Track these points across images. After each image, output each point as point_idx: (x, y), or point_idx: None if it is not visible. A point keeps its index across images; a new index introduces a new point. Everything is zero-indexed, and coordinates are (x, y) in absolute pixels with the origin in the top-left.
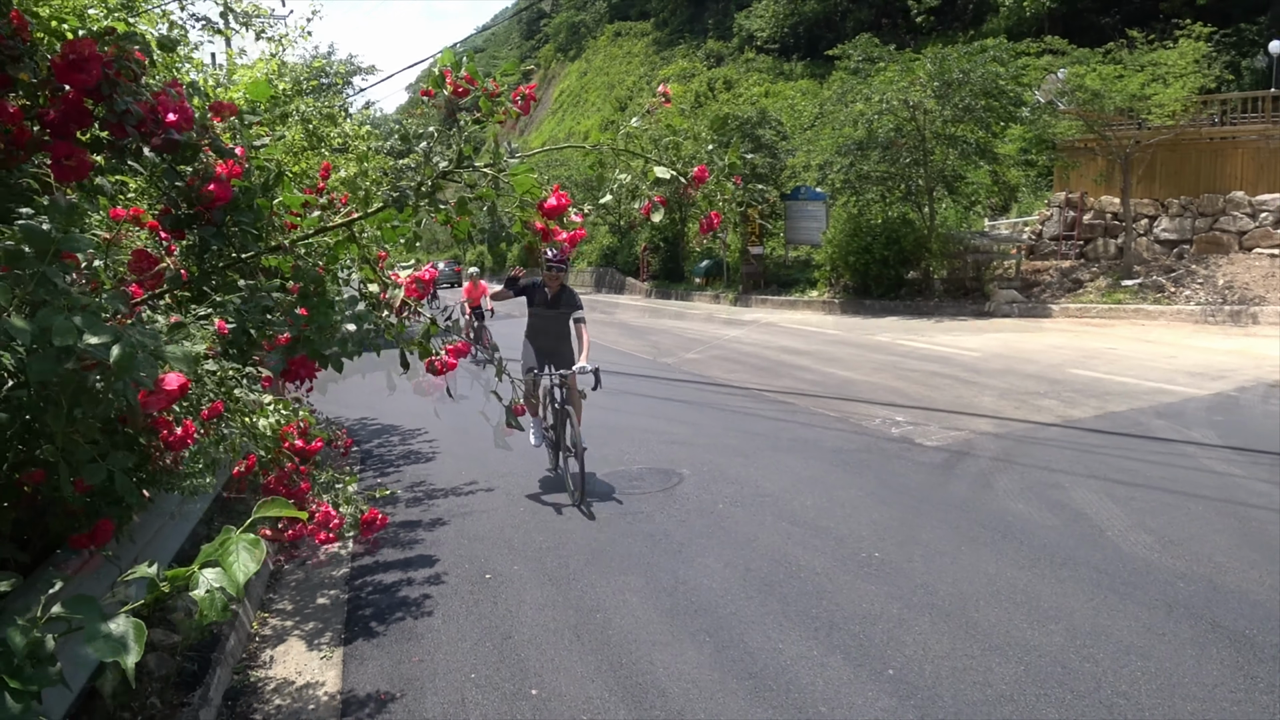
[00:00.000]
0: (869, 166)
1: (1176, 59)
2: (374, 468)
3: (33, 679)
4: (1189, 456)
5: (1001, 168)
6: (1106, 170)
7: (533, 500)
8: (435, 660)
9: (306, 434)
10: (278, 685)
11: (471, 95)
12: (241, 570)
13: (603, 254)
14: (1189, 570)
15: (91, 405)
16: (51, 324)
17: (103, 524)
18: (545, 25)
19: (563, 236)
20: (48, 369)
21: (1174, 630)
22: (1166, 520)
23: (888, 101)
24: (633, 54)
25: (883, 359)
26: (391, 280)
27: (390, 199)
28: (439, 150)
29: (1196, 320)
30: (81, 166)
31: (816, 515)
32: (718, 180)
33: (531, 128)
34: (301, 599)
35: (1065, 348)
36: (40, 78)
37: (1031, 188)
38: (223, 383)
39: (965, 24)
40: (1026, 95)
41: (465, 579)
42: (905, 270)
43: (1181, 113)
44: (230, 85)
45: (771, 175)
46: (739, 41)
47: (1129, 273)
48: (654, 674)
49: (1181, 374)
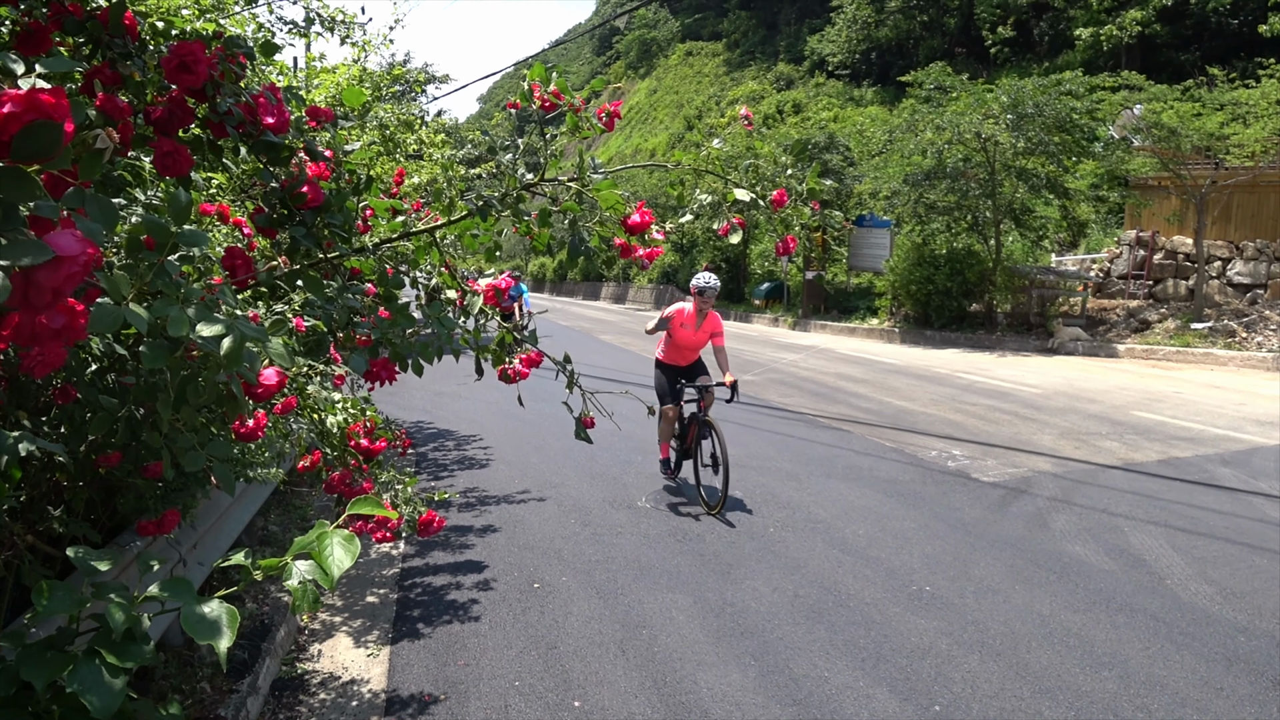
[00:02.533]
0: (936, 196)
1: (1258, 99)
2: (429, 471)
3: (129, 655)
4: (1255, 507)
5: (1071, 203)
6: (1180, 210)
7: (584, 513)
8: (480, 665)
9: (372, 434)
10: (324, 679)
11: (558, 110)
12: (336, 565)
13: (664, 271)
14: (1251, 624)
15: (196, 395)
16: (167, 314)
17: (170, 513)
18: (617, 42)
19: (641, 253)
20: (161, 358)
21: (1233, 685)
22: (1229, 571)
23: (958, 131)
24: (703, 74)
25: (942, 390)
26: (470, 288)
27: (475, 207)
28: (523, 161)
29: (1269, 368)
30: (183, 162)
31: (868, 544)
32: (794, 205)
33: (600, 143)
34: (351, 596)
35: (1130, 389)
36: (148, 76)
37: (1101, 224)
38: (295, 379)
39: (1040, 56)
40: (1100, 130)
41: (514, 587)
42: (968, 302)
43: (1261, 154)
44: (311, 89)
45: (838, 201)
46: (810, 65)
47: (1199, 315)
48: (698, 694)
49: (1250, 422)
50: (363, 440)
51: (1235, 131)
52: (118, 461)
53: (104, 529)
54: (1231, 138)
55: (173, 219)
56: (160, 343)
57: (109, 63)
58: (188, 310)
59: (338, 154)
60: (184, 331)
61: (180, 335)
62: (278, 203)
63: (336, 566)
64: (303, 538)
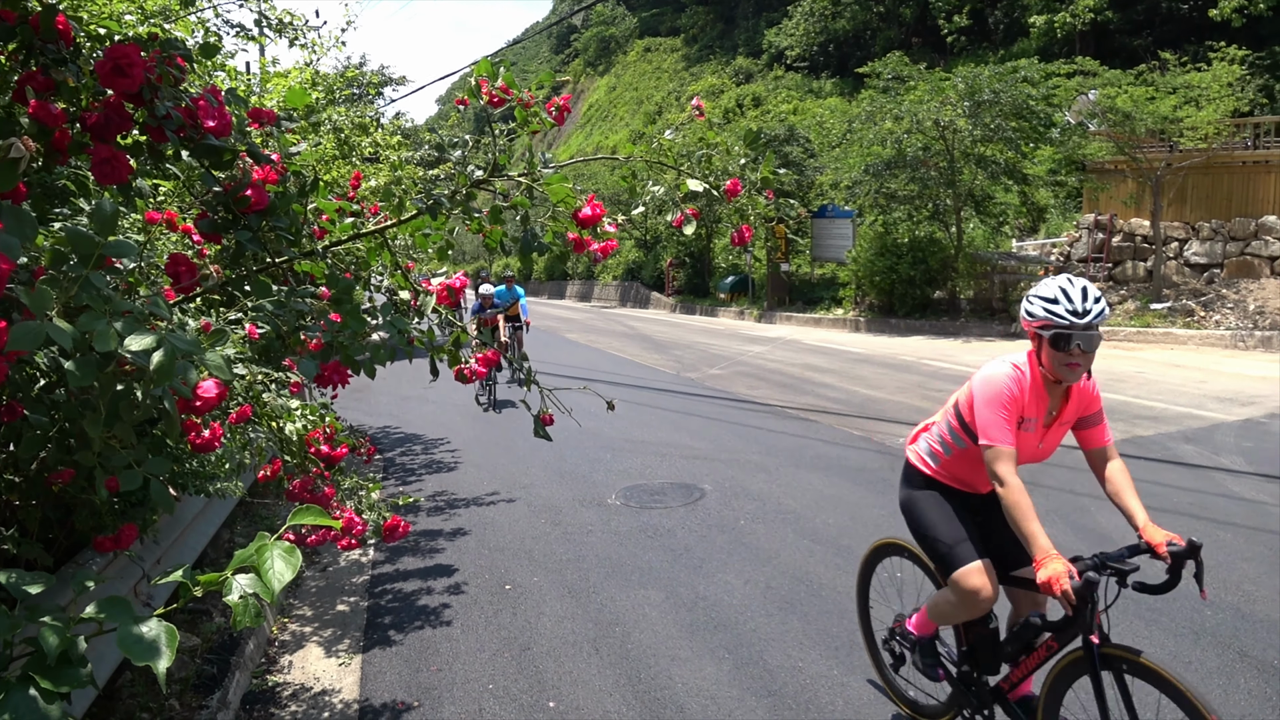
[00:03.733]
0: (897, 185)
1: (1210, 81)
2: (396, 476)
3: (64, 680)
4: (1217, 483)
5: (1030, 188)
6: (1137, 192)
7: (554, 513)
8: (453, 670)
9: (332, 440)
10: (295, 691)
11: (506, 105)
12: (277, 578)
13: (628, 268)
14: (1216, 598)
15: (129, 411)
16: (93, 329)
17: (127, 528)
18: (575, 40)
19: (595, 247)
20: (90, 374)
21: (1200, 658)
22: None
23: (917, 120)
24: (662, 69)
25: (907, 378)
26: (423, 288)
27: (424, 206)
28: (473, 159)
29: (1226, 345)
30: (121, 169)
31: (839, 534)
32: (749, 194)
33: (560, 141)
34: (321, 605)
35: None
36: (82, 81)
37: (1060, 209)
38: (250, 387)
39: (996, 44)
40: (1057, 116)
41: (485, 589)
42: (931, 289)
43: (1214, 136)
44: (264, 93)
45: (798, 192)
46: (768, 58)
47: (1158, 296)
48: (672, 689)
49: (1211, 399)
50: (323, 447)
51: (1188, 115)
52: (70, 479)
53: (62, 548)
54: (1185, 121)
55: (98, 229)
56: (89, 358)
57: (42, 69)
58: (115, 324)
59: (284, 156)
60: (111, 346)
61: (108, 350)
62: (221, 207)
63: (277, 580)
64: (243, 551)
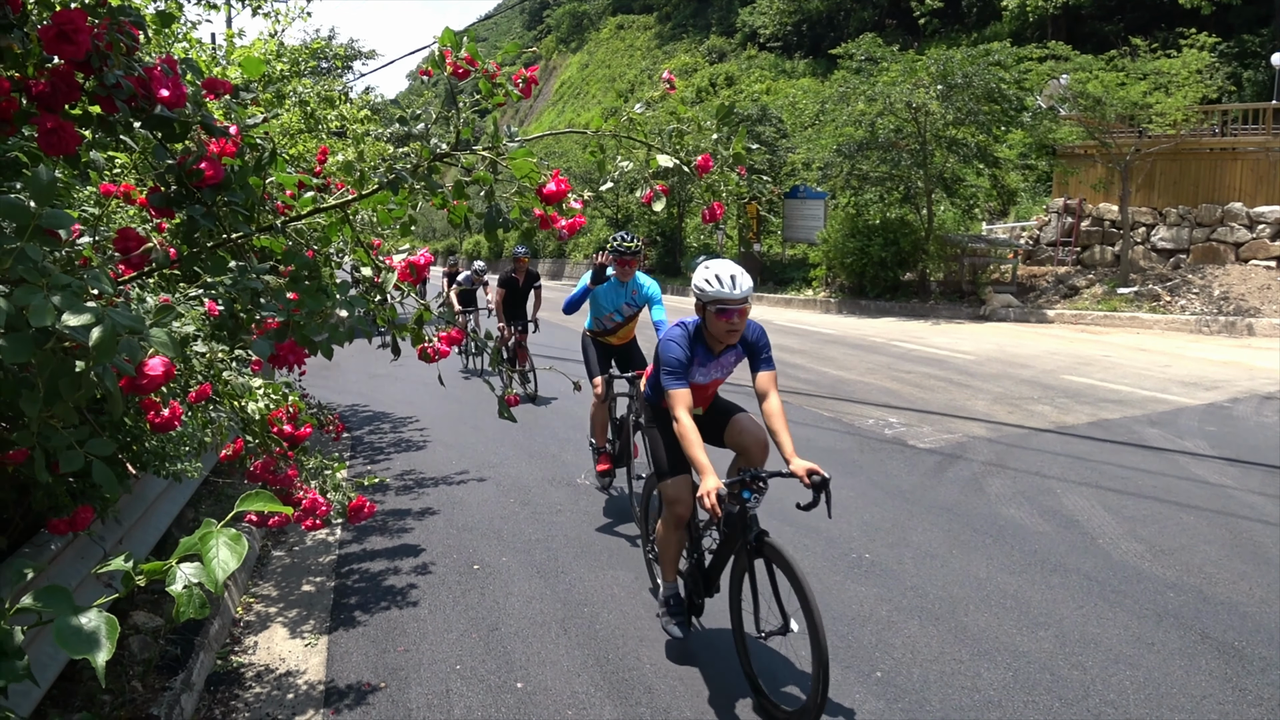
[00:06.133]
0: (869, 167)
1: (1179, 68)
2: (364, 455)
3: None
4: (1181, 466)
5: (1001, 172)
6: (1106, 177)
7: (523, 492)
8: (420, 651)
9: (296, 419)
10: (260, 672)
11: (471, 77)
12: (221, 568)
13: (599, 246)
14: (1179, 580)
15: (70, 389)
16: (29, 303)
17: (83, 510)
18: (548, 16)
19: (562, 224)
20: (25, 351)
21: (1163, 640)
22: (1157, 529)
23: (890, 102)
24: (635, 47)
25: (877, 359)
26: (385, 264)
27: (386, 180)
28: (437, 132)
29: (1191, 330)
30: (69, 140)
31: (807, 515)
32: (721, 170)
33: (531, 118)
34: (287, 585)
35: (1060, 353)
36: (29, 49)
37: (1030, 192)
38: (211, 365)
39: (968, 27)
40: (1028, 100)
41: (453, 569)
42: (902, 271)
43: (1183, 122)
44: (229, 65)
45: (771, 172)
46: (742, 38)
47: (1125, 280)
48: (641, 670)
49: (1175, 383)
50: (286, 426)
51: (1158, 100)
52: (24, 458)
53: (18, 529)
54: (1154, 106)
55: (35, 199)
56: (25, 334)
57: None
58: (54, 298)
59: (242, 129)
60: (48, 321)
61: (44, 325)
62: (174, 180)
63: (221, 569)
64: (188, 539)
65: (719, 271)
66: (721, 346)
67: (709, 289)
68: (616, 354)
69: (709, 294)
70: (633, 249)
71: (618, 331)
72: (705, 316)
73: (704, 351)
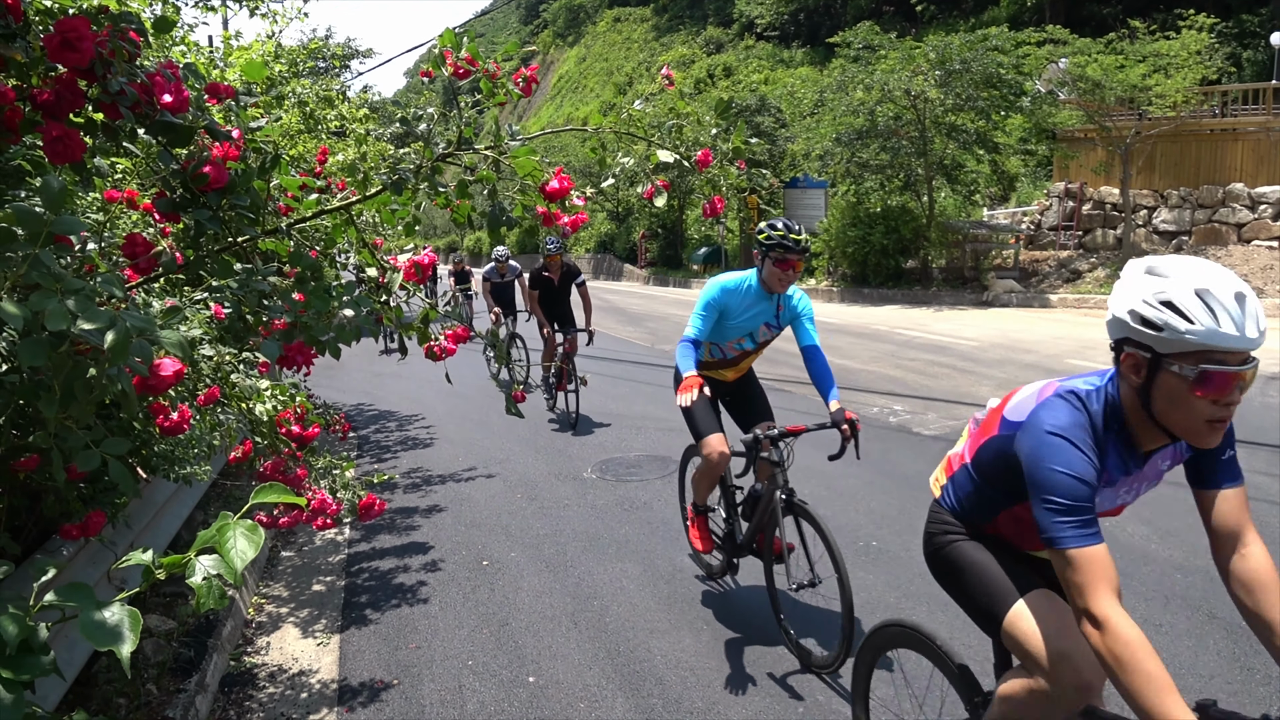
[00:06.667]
0: (869, 155)
1: (1178, 50)
2: (371, 453)
3: (26, 669)
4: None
5: (1001, 157)
6: (1106, 161)
7: (530, 487)
8: (432, 647)
9: (304, 419)
10: (273, 672)
11: (472, 76)
12: (239, 557)
13: (600, 240)
14: (1186, 561)
15: (85, 391)
16: (44, 308)
17: (94, 515)
18: (544, 10)
19: (564, 220)
20: (40, 354)
21: (1171, 621)
22: (1163, 511)
23: (888, 90)
24: (632, 40)
25: (881, 347)
26: (389, 264)
27: (389, 181)
28: (439, 132)
29: None
30: (74, 148)
31: (814, 503)
32: (721, 164)
33: (530, 113)
34: (298, 585)
35: (1064, 338)
36: (33, 57)
37: (1031, 177)
38: (219, 368)
39: (966, 12)
40: (1027, 85)
41: (462, 566)
42: (904, 259)
43: (1182, 104)
44: (226, 67)
45: (770, 162)
46: (739, 28)
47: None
48: (651, 661)
49: None
50: (294, 427)
51: (1157, 83)
52: (36, 465)
53: (31, 535)
54: (1154, 89)
55: (47, 206)
56: (40, 338)
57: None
58: (68, 302)
59: (244, 133)
60: (64, 325)
61: (60, 329)
62: (179, 186)
63: (239, 558)
64: (205, 532)
65: (1216, 289)
66: (1160, 443)
67: (1199, 327)
68: (729, 394)
69: (1196, 337)
70: (799, 244)
71: (739, 362)
72: (1164, 381)
73: (1123, 455)
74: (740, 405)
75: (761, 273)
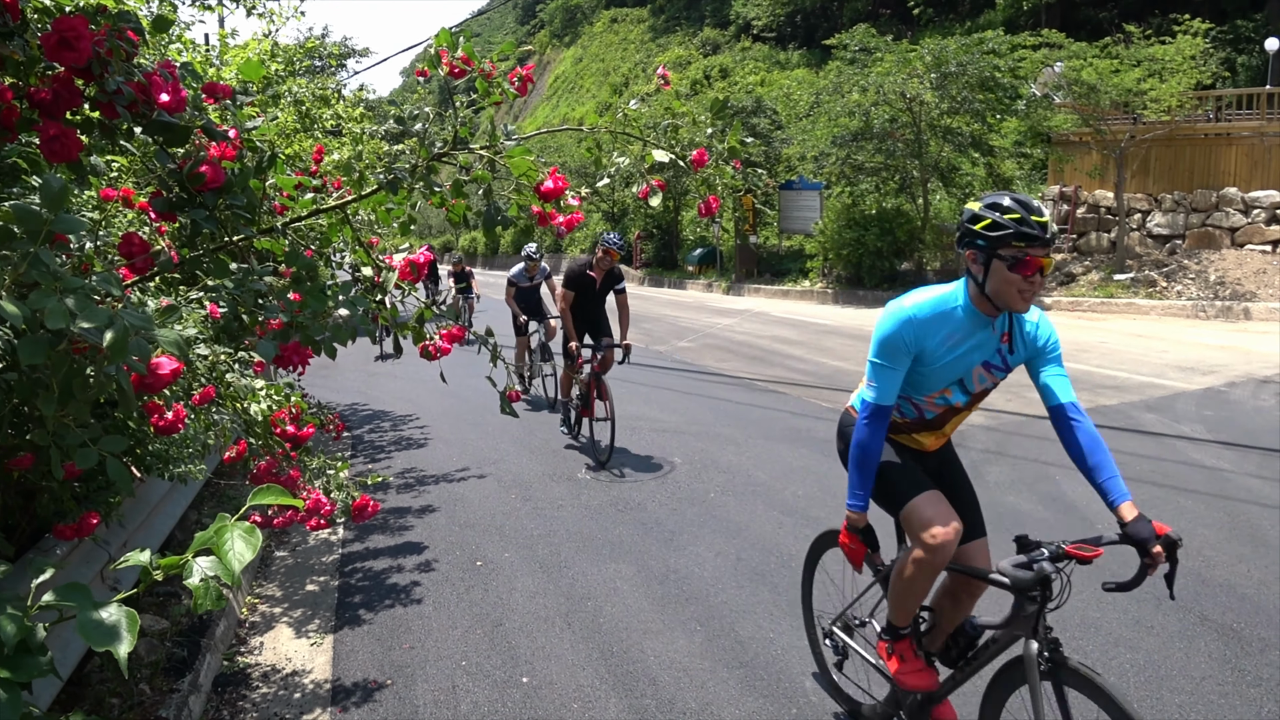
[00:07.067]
0: (864, 157)
1: (1173, 54)
2: (365, 454)
3: (24, 669)
4: (1178, 451)
5: (996, 160)
6: (1101, 164)
7: (524, 488)
8: (425, 648)
9: (299, 420)
10: (267, 672)
11: (468, 76)
12: (237, 559)
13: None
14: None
15: (83, 389)
16: (44, 307)
17: (88, 516)
18: (541, 10)
19: (559, 221)
20: (40, 353)
21: (1162, 623)
22: (1156, 513)
23: (884, 92)
24: (629, 40)
25: None
26: (385, 263)
27: (384, 181)
28: (434, 131)
29: (1188, 315)
30: (71, 146)
31: (808, 504)
32: (716, 164)
33: (526, 113)
34: (291, 585)
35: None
36: (31, 56)
37: (1026, 180)
38: (214, 368)
39: (962, 15)
40: (1022, 88)
41: (456, 566)
42: (899, 261)
43: (1177, 108)
44: (222, 65)
45: (766, 164)
46: (735, 30)
47: (1122, 266)
48: (645, 662)
49: (1172, 368)
50: (289, 427)
51: (1152, 87)
52: (30, 464)
53: (24, 534)
54: (1148, 93)
55: (46, 205)
56: (40, 337)
57: None
58: (67, 300)
59: (241, 132)
60: (63, 323)
61: (60, 328)
62: (176, 185)
63: (237, 560)
64: (203, 533)
65: None
66: None
67: None
68: (926, 471)
69: None
70: (1046, 229)
71: (943, 424)
72: None
73: None
74: (940, 489)
75: (984, 283)
